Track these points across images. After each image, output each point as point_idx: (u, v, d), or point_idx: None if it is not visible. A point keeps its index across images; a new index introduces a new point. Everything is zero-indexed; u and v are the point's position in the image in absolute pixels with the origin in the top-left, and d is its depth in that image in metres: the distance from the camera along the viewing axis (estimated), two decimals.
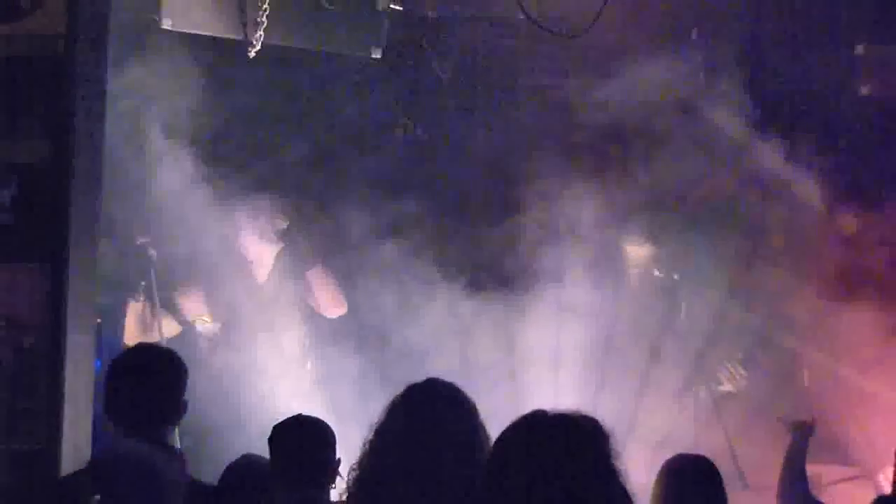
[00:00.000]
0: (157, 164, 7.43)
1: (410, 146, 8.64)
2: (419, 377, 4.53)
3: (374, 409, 4.50)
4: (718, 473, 4.91)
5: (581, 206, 7.90)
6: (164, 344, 7.56)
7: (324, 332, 7.94)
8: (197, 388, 5.32)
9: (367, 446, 4.52)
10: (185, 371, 4.81)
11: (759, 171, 7.95)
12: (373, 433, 4.52)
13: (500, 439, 3.28)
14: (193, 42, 7.24)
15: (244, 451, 5.01)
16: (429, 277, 7.92)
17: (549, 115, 8.19)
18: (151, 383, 4.71)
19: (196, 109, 7.44)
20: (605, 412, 6.67)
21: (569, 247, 7.94)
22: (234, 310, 7.93)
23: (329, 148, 8.33)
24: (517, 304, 7.96)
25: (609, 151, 8.11)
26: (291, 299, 7.95)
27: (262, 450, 4.76)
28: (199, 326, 8.00)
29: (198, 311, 8.05)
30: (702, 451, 5.53)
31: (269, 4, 7.06)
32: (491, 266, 8.09)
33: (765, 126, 8.00)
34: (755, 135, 8.01)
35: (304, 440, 4.69)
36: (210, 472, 5.10)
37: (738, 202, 7.88)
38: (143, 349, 4.87)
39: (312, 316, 8.01)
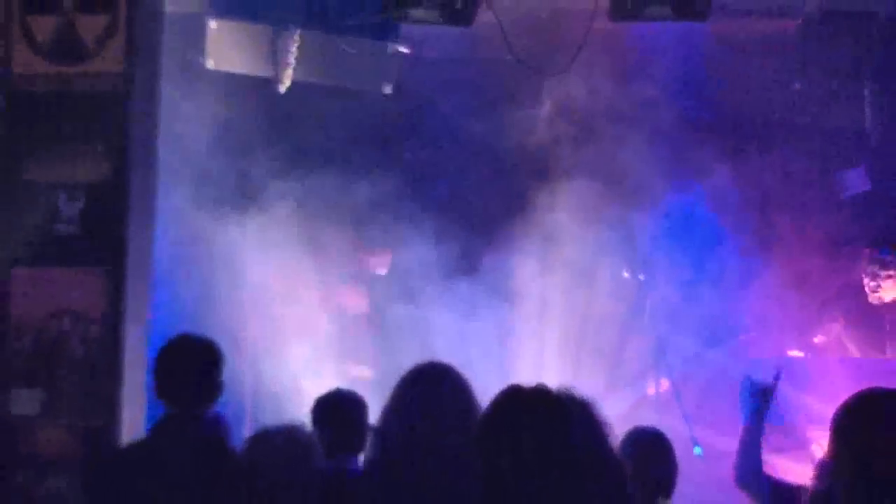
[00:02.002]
0: None
1: (415, 165, 8.68)
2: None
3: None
4: (668, 442, 4.86)
5: (560, 214, 7.92)
6: None
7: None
8: None
9: (381, 419, 4.56)
10: (221, 356, 4.71)
11: (710, 188, 7.98)
12: (386, 408, 4.56)
13: (486, 412, 3.27)
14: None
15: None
16: (428, 278, 7.94)
17: (531, 137, 8.20)
18: (191, 367, 4.67)
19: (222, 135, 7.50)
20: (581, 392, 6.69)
21: (550, 252, 7.96)
22: None
23: (348, 167, 8.34)
24: (507, 302, 7.99)
25: (585, 168, 8.11)
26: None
27: None
28: None
29: None
30: (662, 425, 5.52)
31: (297, 48, 7.10)
32: (482, 269, 8.09)
33: (715, 149, 8.03)
34: (708, 157, 8.05)
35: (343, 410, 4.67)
36: None
37: (694, 215, 7.89)
38: (185, 339, 4.80)
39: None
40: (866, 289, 7.20)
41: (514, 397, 3.22)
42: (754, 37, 7.94)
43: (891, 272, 7.14)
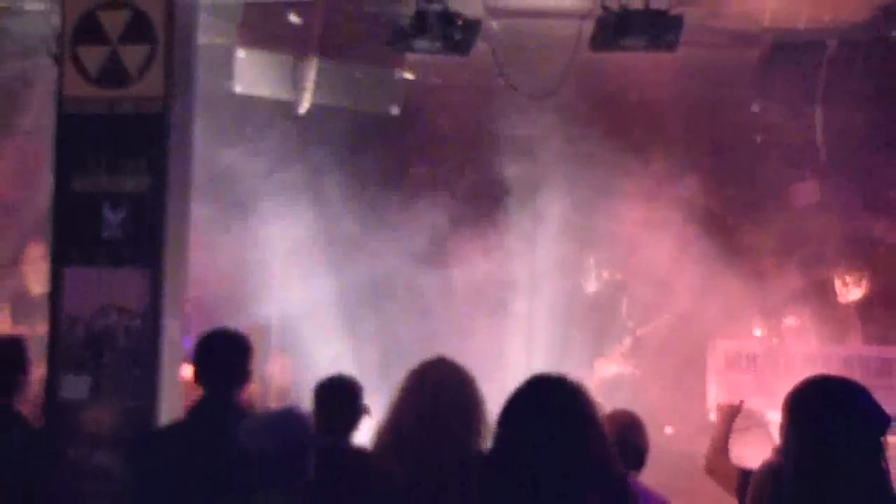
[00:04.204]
0: None
1: (419, 180, 8.68)
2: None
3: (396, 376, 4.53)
4: (642, 421, 4.86)
5: (548, 222, 7.91)
6: None
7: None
8: None
9: (391, 406, 4.57)
10: (250, 348, 4.68)
11: (681, 200, 8.00)
12: (395, 397, 4.56)
13: (512, 398, 3.17)
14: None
15: None
16: (429, 281, 7.94)
17: (518, 155, 8.20)
18: (223, 357, 4.66)
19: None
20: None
21: (541, 255, 7.96)
22: None
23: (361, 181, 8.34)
24: (502, 298, 7.99)
25: (571, 180, 8.12)
26: None
27: None
28: None
29: None
30: (636, 402, 5.50)
31: (315, 74, 7.11)
32: (478, 267, 8.08)
33: (682, 163, 8.06)
34: (678, 172, 8.08)
35: (341, 393, 4.60)
36: None
37: (665, 225, 7.88)
38: (218, 331, 4.80)
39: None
40: (837, 289, 7.30)
41: (539, 383, 3.19)
42: (718, 65, 7.96)
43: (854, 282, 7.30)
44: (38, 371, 5.60)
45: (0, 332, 6.50)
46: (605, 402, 5.56)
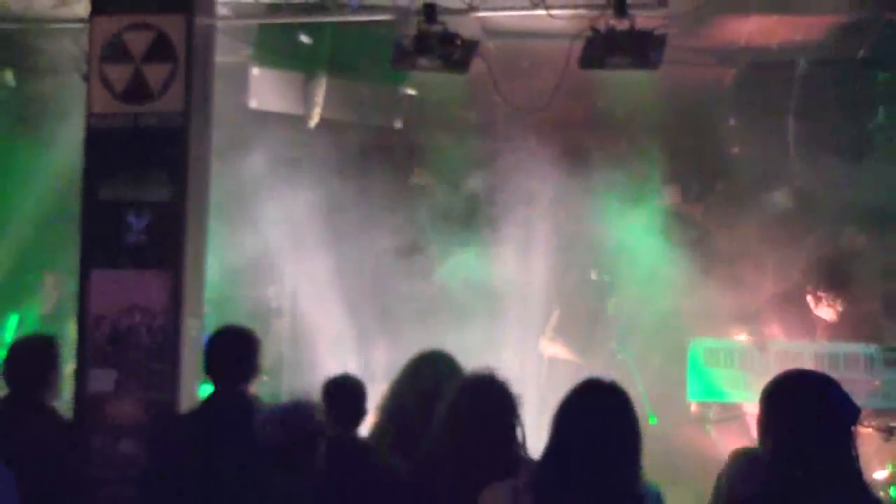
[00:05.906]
0: None
1: (422, 187, 8.69)
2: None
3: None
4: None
5: (539, 227, 7.91)
6: None
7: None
8: None
9: (388, 395, 4.58)
10: (258, 342, 4.67)
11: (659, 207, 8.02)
12: (393, 385, 4.57)
13: (567, 401, 3.28)
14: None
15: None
16: (430, 286, 7.94)
17: (511, 164, 8.19)
18: (233, 352, 4.65)
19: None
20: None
21: (533, 258, 7.96)
22: None
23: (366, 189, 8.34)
24: (497, 299, 8.00)
25: (559, 189, 8.11)
26: None
27: None
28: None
29: None
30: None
31: (323, 90, 7.13)
32: (472, 275, 8.07)
33: (663, 174, 8.10)
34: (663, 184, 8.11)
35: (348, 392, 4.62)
36: None
37: (648, 230, 7.88)
38: (226, 329, 4.77)
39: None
40: (809, 303, 7.29)
41: (591, 386, 3.29)
42: (699, 81, 7.98)
43: (828, 303, 7.25)
44: None
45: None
46: None
